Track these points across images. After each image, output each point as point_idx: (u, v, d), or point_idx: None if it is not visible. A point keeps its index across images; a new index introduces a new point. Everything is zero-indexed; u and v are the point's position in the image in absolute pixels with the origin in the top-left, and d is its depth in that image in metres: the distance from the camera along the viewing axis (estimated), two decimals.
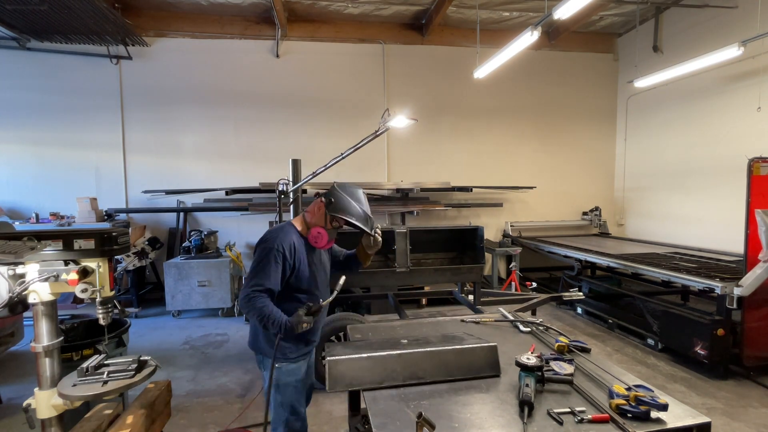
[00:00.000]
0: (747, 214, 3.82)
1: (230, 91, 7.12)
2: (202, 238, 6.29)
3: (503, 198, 7.90)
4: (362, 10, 6.90)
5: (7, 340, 3.84)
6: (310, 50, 7.27)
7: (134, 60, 6.83)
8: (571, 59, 8.08)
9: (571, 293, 4.50)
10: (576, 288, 5.68)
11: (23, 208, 6.67)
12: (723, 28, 6.00)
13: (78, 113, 6.77)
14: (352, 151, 3.09)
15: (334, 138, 7.27)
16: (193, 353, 4.80)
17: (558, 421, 1.50)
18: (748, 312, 3.89)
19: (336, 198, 2.20)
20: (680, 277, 4.36)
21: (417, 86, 7.60)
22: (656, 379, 4.03)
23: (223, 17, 6.93)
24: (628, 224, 8.13)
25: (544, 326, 2.51)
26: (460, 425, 1.51)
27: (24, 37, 6.30)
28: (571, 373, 1.79)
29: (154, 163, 7.01)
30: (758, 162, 3.83)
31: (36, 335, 1.94)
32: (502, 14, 7.08)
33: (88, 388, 1.89)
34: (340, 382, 1.80)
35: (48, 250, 1.87)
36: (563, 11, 3.81)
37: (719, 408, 3.50)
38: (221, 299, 6.05)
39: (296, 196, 3.81)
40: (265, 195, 6.90)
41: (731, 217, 5.77)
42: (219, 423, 3.36)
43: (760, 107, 5.51)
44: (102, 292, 1.94)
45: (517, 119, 7.98)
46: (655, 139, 7.38)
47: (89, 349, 2.88)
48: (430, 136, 7.62)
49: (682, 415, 1.55)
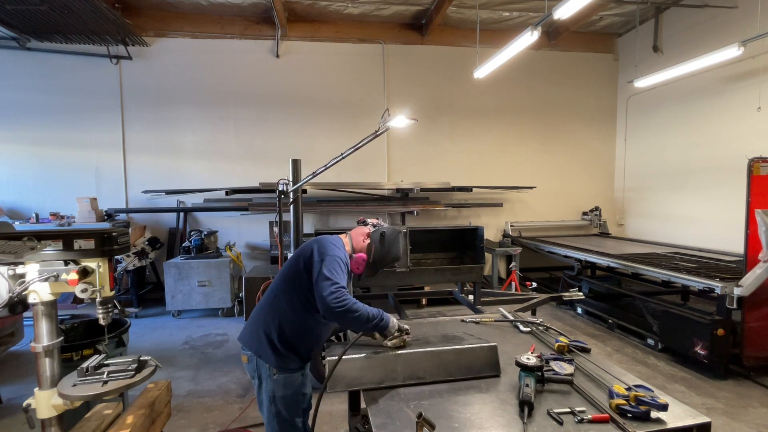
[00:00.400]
0: (747, 214, 3.82)
1: (230, 91, 7.12)
2: (202, 238, 6.29)
3: (503, 198, 7.90)
4: (362, 10, 6.90)
5: (7, 340, 3.84)
6: (310, 50, 7.27)
7: (134, 60, 6.83)
8: (571, 59, 8.08)
9: (571, 293, 4.50)
10: (576, 288, 5.67)
11: (23, 208, 6.67)
12: (723, 28, 6.00)
13: (78, 113, 6.77)
14: (352, 151, 3.09)
15: (334, 138, 7.27)
16: (193, 353, 4.80)
17: (558, 421, 1.50)
18: (748, 312, 3.89)
19: (385, 237, 2.26)
20: (680, 277, 4.36)
21: (417, 86, 7.60)
22: (656, 379, 4.03)
23: (223, 17, 6.93)
24: (628, 224, 8.13)
25: (544, 326, 2.51)
26: (460, 425, 1.51)
27: (24, 37, 6.30)
28: (571, 373, 1.79)
29: (154, 163, 7.01)
30: (758, 162, 3.83)
31: (36, 335, 1.94)
32: (502, 14, 7.08)
33: (88, 388, 1.89)
34: (340, 382, 1.80)
35: (48, 250, 1.87)
36: (563, 11, 3.81)
37: (719, 408, 3.50)
38: (221, 299, 6.05)
39: (296, 196, 3.81)
40: (265, 195, 6.90)
41: (731, 217, 5.77)
42: (219, 423, 3.36)
43: (760, 107, 5.51)
44: (102, 292, 1.93)
45: (517, 119, 7.98)
46: (655, 139, 7.38)
47: (89, 349, 2.88)
48: (430, 136, 7.62)
49: (682, 415, 1.55)
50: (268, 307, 2.13)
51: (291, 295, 2.08)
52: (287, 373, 2.06)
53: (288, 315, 2.07)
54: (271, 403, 2.06)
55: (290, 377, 2.07)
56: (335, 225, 7.50)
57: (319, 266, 1.99)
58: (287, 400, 2.07)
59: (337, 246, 2.12)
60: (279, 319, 2.06)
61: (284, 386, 2.05)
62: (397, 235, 2.31)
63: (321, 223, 7.50)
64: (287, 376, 2.06)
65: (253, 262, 7.16)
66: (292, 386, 2.08)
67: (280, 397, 2.05)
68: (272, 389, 2.04)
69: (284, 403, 2.06)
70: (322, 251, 2.05)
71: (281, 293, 2.12)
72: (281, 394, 2.05)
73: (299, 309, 2.07)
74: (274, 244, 6.72)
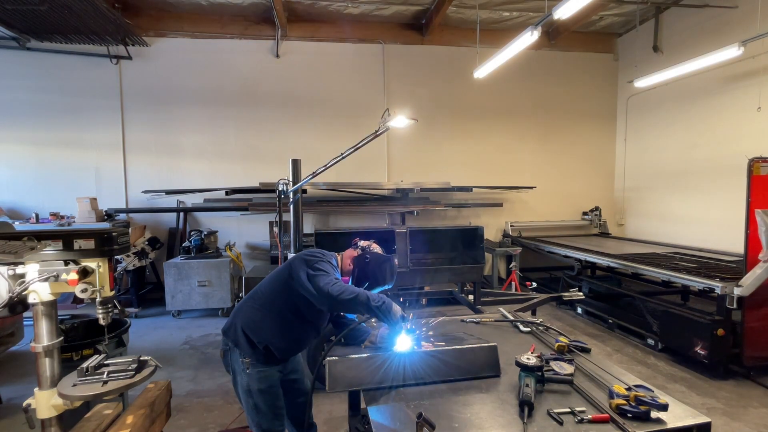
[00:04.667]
0: (747, 214, 3.82)
1: (230, 91, 7.12)
2: (202, 238, 6.28)
3: (503, 198, 7.90)
4: (362, 10, 6.90)
5: (7, 340, 3.84)
6: (310, 50, 7.26)
7: (134, 60, 6.83)
8: (571, 59, 8.07)
9: (571, 293, 4.50)
10: (576, 288, 5.67)
11: (23, 208, 6.67)
12: (723, 28, 6.00)
13: (78, 113, 6.77)
14: (352, 151, 3.09)
15: (333, 138, 7.27)
16: (193, 353, 4.80)
17: (558, 421, 1.50)
18: (748, 312, 3.88)
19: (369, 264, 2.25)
20: (680, 277, 4.36)
21: (417, 86, 7.59)
22: (656, 379, 4.03)
23: (223, 17, 6.93)
24: (628, 224, 8.13)
25: (544, 326, 2.51)
26: (460, 425, 1.51)
27: (24, 37, 6.29)
28: (571, 373, 1.79)
29: (154, 163, 7.01)
30: (758, 162, 3.83)
31: (36, 335, 1.94)
32: (502, 14, 7.08)
33: (88, 388, 1.89)
34: (340, 382, 1.80)
35: (48, 250, 1.87)
36: (563, 11, 3.81)
37: (719, 408, 3.50)
38: (221, 299, 6.05)
39: (296, 196, 3.81)
40: (265, 195, 6.90)
41: (731, 217, 5.76)
42: (219, 423, 3.36)
43: (760, 107, 5.51)
44: (102, 292, 1.94)
45: (517, 119, 7.97)
46: (655, 139, 7.37)
47: (89, 349, 2.88)
48: (430, 136, 7.62)
49: (682, 415, 1.55)
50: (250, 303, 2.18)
51: (273, 297, 2.14)
52: (262, 367, 2.09)
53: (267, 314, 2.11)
54: (248, 396, 2.10)
55: (265, 371, 2.11)
56: (335, 225, 7.49)
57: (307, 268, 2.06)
58: (264, 394, 2.10)
59: (324, 255, 2.19)
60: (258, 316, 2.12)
61: (259, 380, 2.09)
62: (383, 263, 2.26)
63: (321, 223, 7.50)
64: (262, 371, 2.09)
65: (253, 262, 7.15)
66: (268, 380, 2.12)
67: (257, 391, 2.09)
68: (247, 383, 2.09)
69: (261, 397, 2.10)
70: (310, 259, 2.12)
71: (264, 294, 2.18)
72: (257, 388, 2.09)
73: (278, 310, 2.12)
74: (274, 244, 6.72)
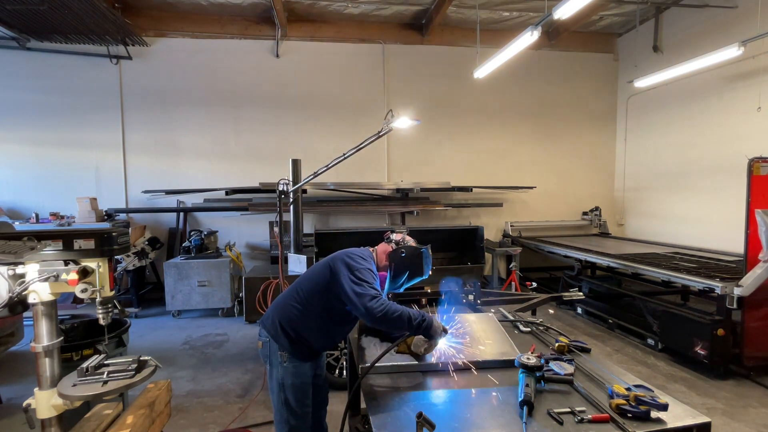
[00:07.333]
0: (747, 214, 3.82)
1: (230, 91, 7.12)
2: (202, 238, 6.28)
3: (503, 198, 7.90)
4: (362, 10, 6.90)
5: (7, 340, 3.83)
6: (310, 50, 7.27)
7: (134, 60, 6.83)
8: (571, 59, 8.07)
9: (571, 293, 4.49)
10: (576, 288, 5.67)
11: (23, 208, 6.67)
12: (723, 28, 6.00)
13: (78, 113, 6.77)
14: (355, 151, 3.10)
15: (334, 138, 7.27)
16: (193, 353, 4.80)
17: (558, 421, 1.50)
18: (748, 312, 3.89)
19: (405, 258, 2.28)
20: (680, 277, 4.36)
21: (417, 86, 7.59)
22: (656, 379, 4.03)
23: (223, 17, 6.93)
24: (628, 224, 8.12)
25: (544, 326, 2.51)
26: (460, 425, 1.51)
27: (24, 37, 6.29)
28: (571, 373, 1.79)
29: (154, 163, 7.01)
30: (758, 162, 3.83)
31: (36, 335, 1.94)
32: (502, 14, 7.08)
33: (88, 388, 1.89)
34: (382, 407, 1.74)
35: (48, 250, 1.87)
36: (563, 11, 3.81)
37: (719, 408, 3.50)
38: (221, 299, 6.05)
39: (296, 196, 3.81)
40: (265, 195, 6.90)
41: (731, 217, 5.76)
42: (219, 423, 3.36)
43: (760, 107, 5.51)
44: (102, 292, 1.93)
45: (517, 119, 7.97)
46: (655, 139, 7.37)
47: (89, 349, 2.87)
48: (430, 136, 7.61)
49: (682, 415, 1.55)
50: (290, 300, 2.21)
51: (312, 297, 2.16)
52: (297, 362, 2.14)
53: (306, 313, 2.15)
54: (281, 390, 2.14)
55: (300, 366, 2.15)
56: (335, 225, 7.49)
57: (349, 274, 2.05)
58: (296, 389, 2.14)
59: (365, 259, 2.19)
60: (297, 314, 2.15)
61: (294, 375, 2.13)
62: (419, 255, 2.32)
63: (321, 223, 7.50)
64: (297, 365, 2.14)
65: (253, 262, 7.15)
66: (302, 376, 2.16)
67: (290, 386, 2.13)
68: (282, 376, 2.13)
69: (293, 392, 2.14)
70: (352, 264, 2.11)
71: (304, 292, 2.19)
72: (290, 383, 2.13)
73: (318, 311, 2.14)
74: (274, 244, 6.72)
